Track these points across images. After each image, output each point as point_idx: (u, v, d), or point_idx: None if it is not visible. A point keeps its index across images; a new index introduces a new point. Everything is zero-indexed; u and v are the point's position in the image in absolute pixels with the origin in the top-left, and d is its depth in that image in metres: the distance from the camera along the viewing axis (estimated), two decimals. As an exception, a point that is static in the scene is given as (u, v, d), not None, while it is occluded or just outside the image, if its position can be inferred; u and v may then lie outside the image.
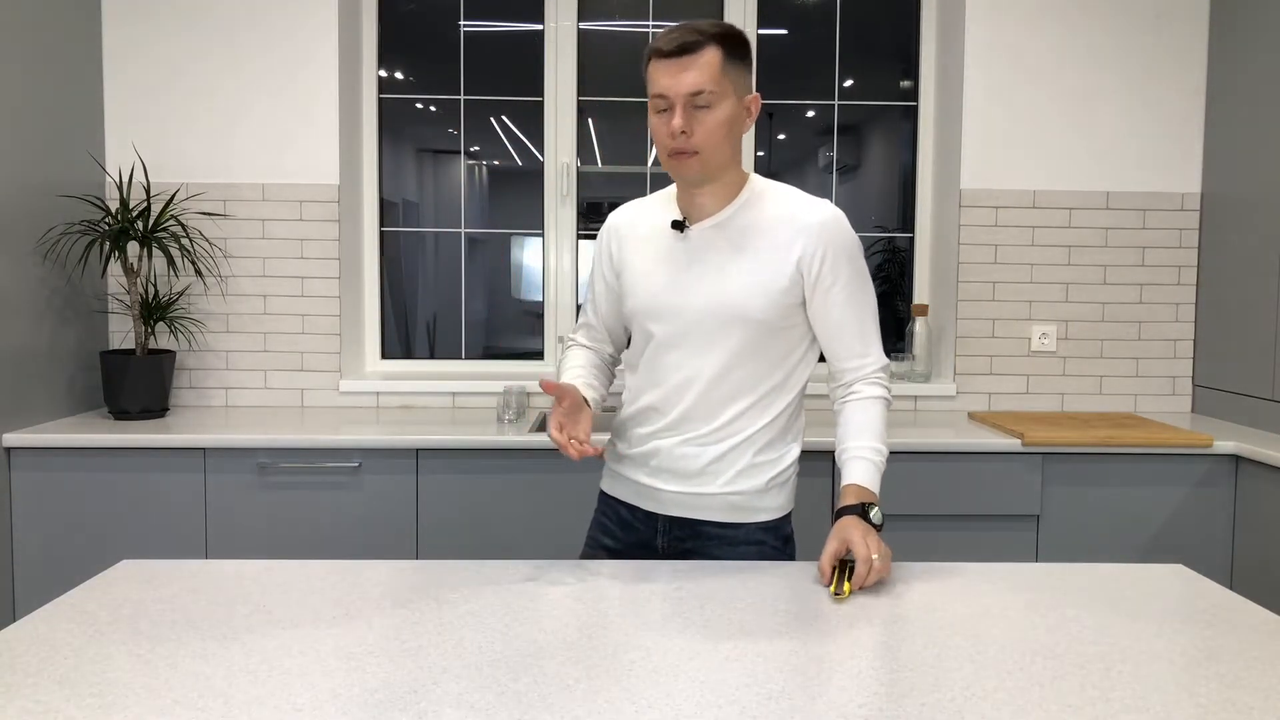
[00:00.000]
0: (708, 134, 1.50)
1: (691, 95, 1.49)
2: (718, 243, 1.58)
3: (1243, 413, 2.82)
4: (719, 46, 1.49)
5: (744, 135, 1.59)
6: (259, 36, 2.94)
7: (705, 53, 1.48)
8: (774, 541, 1.68)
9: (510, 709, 1.01)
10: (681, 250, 1.60)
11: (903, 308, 3.31)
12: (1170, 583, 1.45)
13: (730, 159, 1.56)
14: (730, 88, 1.51)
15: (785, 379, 1.67)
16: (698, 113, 1.50)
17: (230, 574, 1.43)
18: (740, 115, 1.54)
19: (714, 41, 1.49)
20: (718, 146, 1.52)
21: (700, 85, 1.48)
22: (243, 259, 2.98)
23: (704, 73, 1.48)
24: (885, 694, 1.05)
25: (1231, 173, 2.90)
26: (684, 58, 1.49)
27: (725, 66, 1.50)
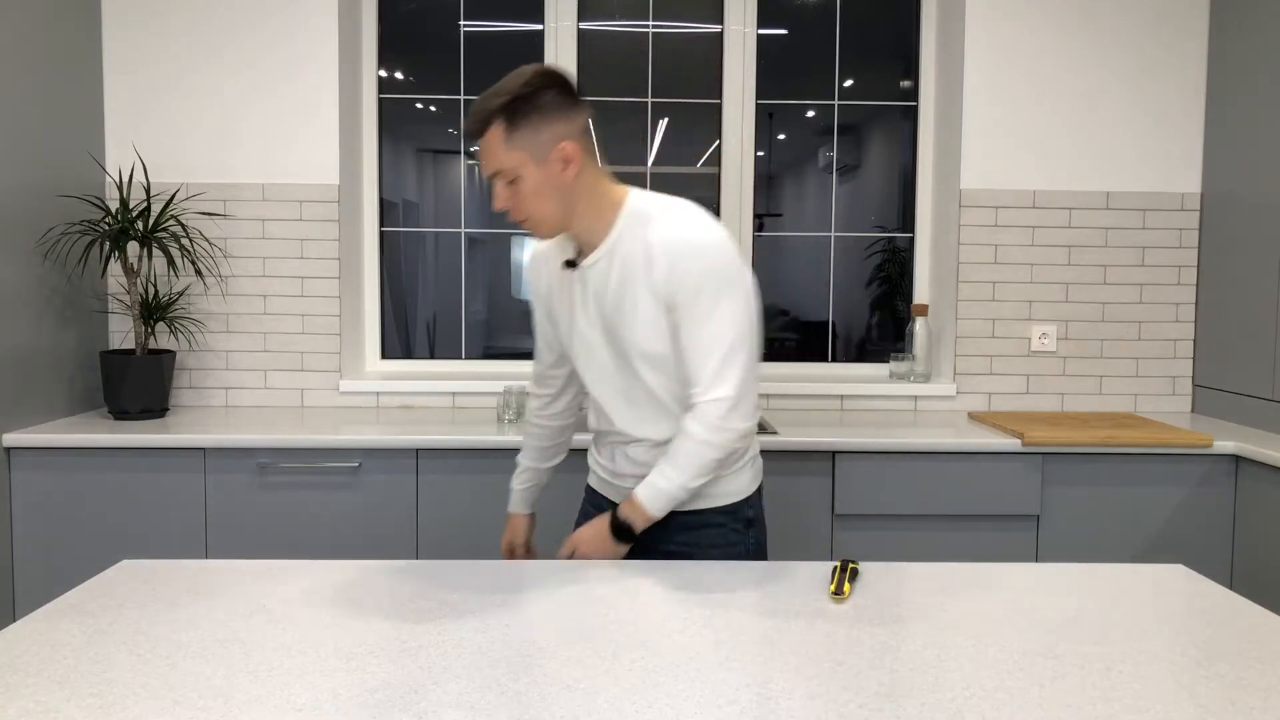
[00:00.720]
0: (525, 204, 1.55)
1: (492, 178, 1.55)
2: (603, 278, 1.60)
3: (1243, 413, 2.82)
4: (501, 120, 1.50)
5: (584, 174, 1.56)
6: (259, 36, 2.94)
7: (488, 134, 1.52)
8: (734, 524, 1.73)
9: (510, 709, 1.01)
10: (578, 287, 1.64)
11: (903, 308, 3.31)
12: (1170, 583, 1.45)
13: (566, 212, 1.57)
14: (525, 155, 1.52)
15: None
16: (510, 188, 1.55)
17: (230, 574, 1.43)
18: (552, 172, 1.53)
19: (495, 117, 1.50)
20: (542, 210, 1.56)
21: (492, 168, 1.54)
22: (243, 259, 2.98)
23: (492, 155, 1.52)
24: (885, 694, 1.05)
25: (1231, 173, 2.90)
26: (477, 143, 1.55)
27: (511, 138, 1.51)
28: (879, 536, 2.56)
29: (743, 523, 1.74)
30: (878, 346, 3.34)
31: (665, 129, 3.25)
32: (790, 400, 3.06)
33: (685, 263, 1.52)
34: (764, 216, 3.28)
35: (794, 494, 2.54)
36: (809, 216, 3.31)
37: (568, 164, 1.54)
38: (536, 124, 1.52)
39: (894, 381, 3.13)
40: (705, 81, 3.22)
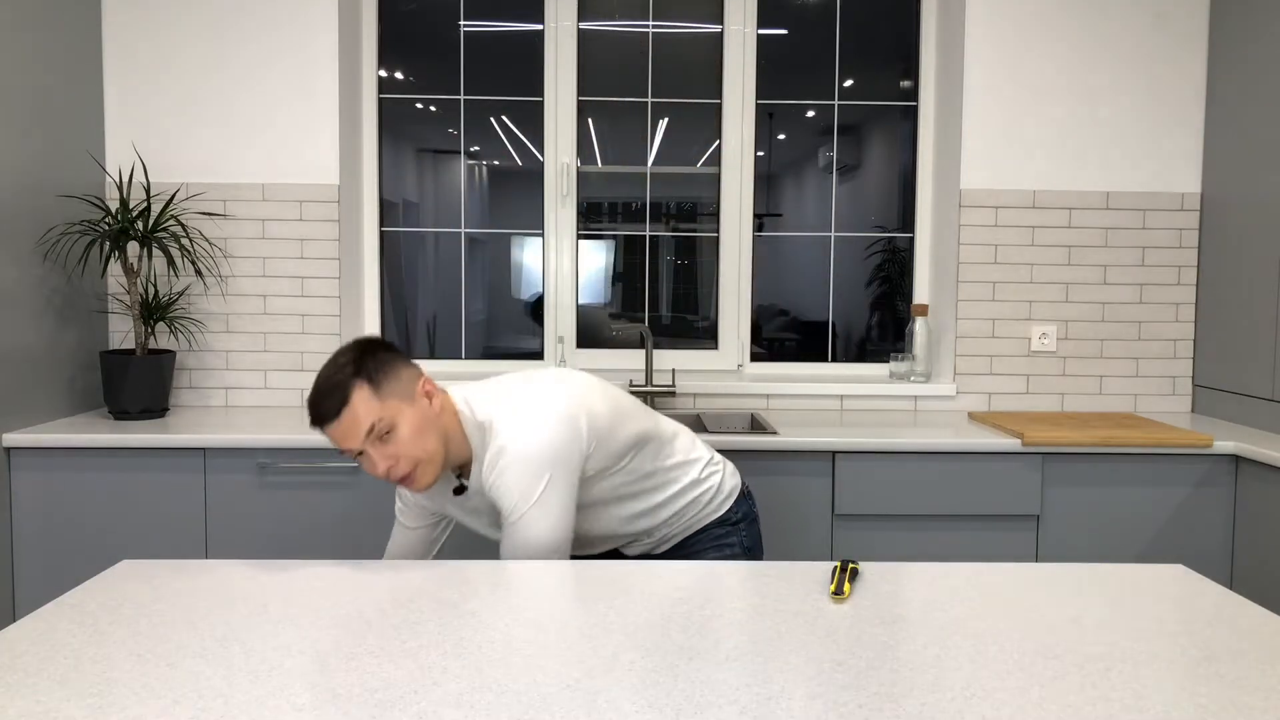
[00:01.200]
0: (410, 448, 1.56)
1: (368, 438, 1.54)
2: (483, 502, 1.70)
3: (1243, 413, 2.82)
4: (361, 379, 1.54)
5: (444, 405, 1.63)
6: (259, 37, 2.94)
7: (354, 399, 1.53)
8: (721, 529, 1.87)
9: (510, 709, 1.01)
10: (472, 506, 1.73)
11: (903, 308, 3.31)
12: (1170, 583, 1.45)
13: (445, 445, 1.61)
14: (395, 400, 1.56)
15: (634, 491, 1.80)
16: (382, 445, 1.55)
17: (230, 574, 1.43)
18: (421, 410, 1.58)
19: (354, 380, 1.53)
20: (428, 447, 1.58)
21: (369, 424, 1.53)
22: (243, 259, 2.98)
23: (365, 414, 1.53)
24: (885, 694, 1.05)
25: (1231, 173, 2.90)
26: (340, 417, 1.53)
27: (377, 391, 1.54)
28: (879, 536, 2.56)
29: (730, 525, 1.87)
30: (878, 346, 3.34)
31: (665, 129, 3.25)
32: (790, 400, 3.06)
33: (504, 481, 1.60)
34: (764, 216, 3.28)
35: (794, 494, 2.54)
36: (809, 216, 3.31)
37: (431, 397, 1.61)
38: (394, 368, 1.58)
39: (894, 381, 3.13)
40: (705, 81, 3.22)
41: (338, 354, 1.57)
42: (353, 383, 1.53)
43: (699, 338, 3.31)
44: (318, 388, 1.54)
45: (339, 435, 1.54)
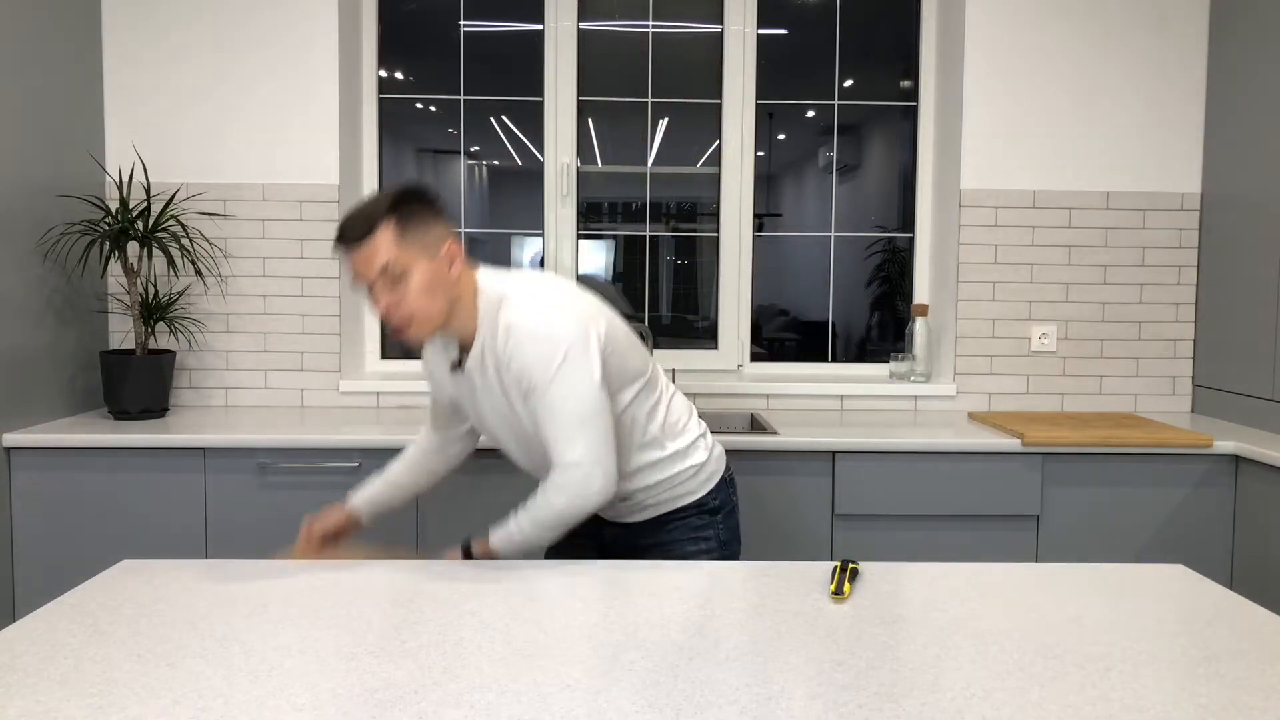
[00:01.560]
0: (411, 302, 1.57)
1: (380, 275, 1.55)
2: (484, 373, 1.67)
3: (1243, 413, 2.82)
4: (391, 218, 1.55)
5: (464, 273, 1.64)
6: (259, 37, 2.94)
7: (377, 233, 1.54)
8: (699, 516, 1.82)
9: (510, 709, 1.01)
10: (466, 384, 1.71)
11: (903, 308, 3.31)
12: (1170, 583, 1.45)
13: (450, 308, 1.62)
14: (418, 251, 1.57)
15: (624, 443, 1.76)
16: (395, 288, 1.56)
17: (230, 574, 1.44)
18: (439, 269, 1.59)
19: (385, 217, 1.54)
20: (430, 307, 1.59)
21: (382, 261, 1.54)
22: (243, 259, 2.98)
23: (381, 252, 1.54)
24: (885, 694, 1.05)
25: (1231, 173, 2.90)
26: (361, 244, 1.55)
27: (403, 235, 1.55)
28: (879, 536, 2.56)
29: (708, 512, 1.83)
30: (878, 346, 3.34)
31: (665, 129, 3.25)
32: (790, 400, 3.06)
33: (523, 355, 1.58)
34: (764, 216, 3.28)
35: (794, 494, 2.54)
36: (809, 216, 3.31)
37: (453, 261, 1.61)
38: (427, 221, 1.59)
39: (894, 381, 3.13)
40: (705, 81, 3.22)
41: (385, 191, 1.60)
42: (382, 218, 1.55)
43: (699, 337, 3.31)
44: (350, 212, 1.57)
45: (354, 262, 1.56)
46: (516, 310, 1.60)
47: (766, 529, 2.55)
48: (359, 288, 1.63)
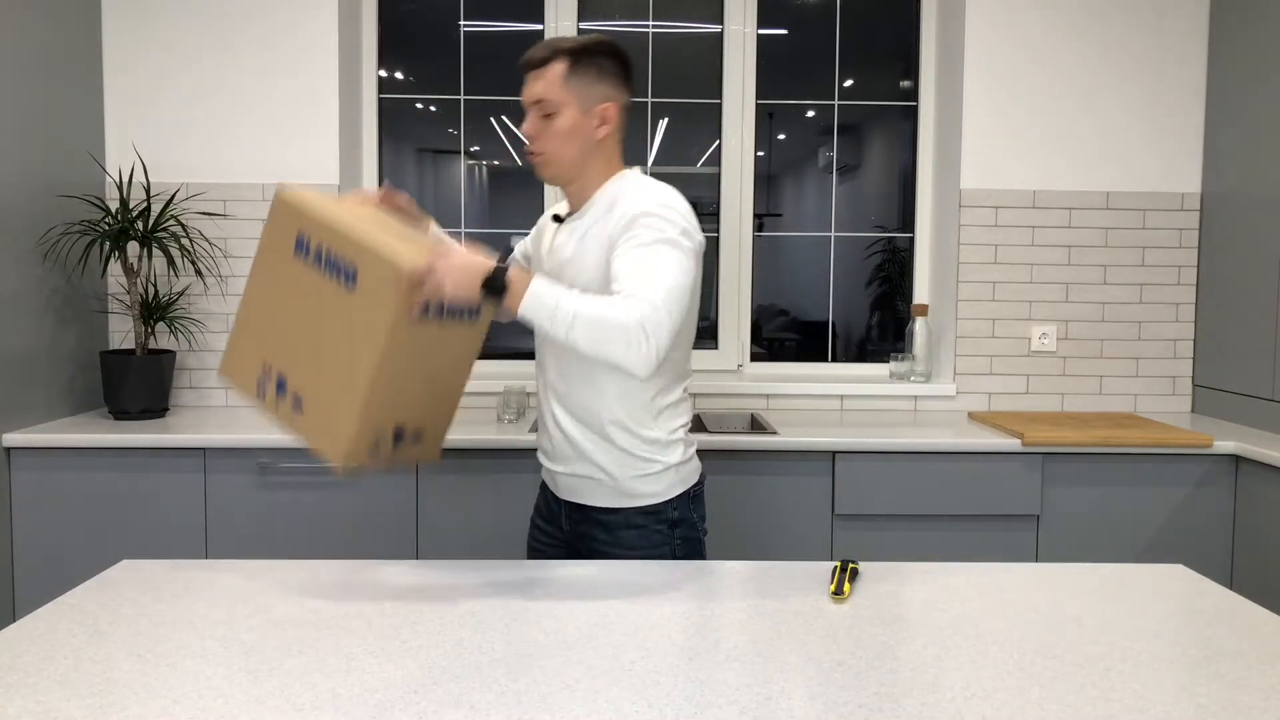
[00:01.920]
0: (549, 140, 1.66)
1: (535, 104, 1.66)
2: (578, 233, 1.69)
3: (1243, 413, 2.82)
4: (567, 59, 1.64)
5: (609, 140, 1.69)
6: (259, 36, 2.94)
7: (550, 66, 1.65)
8: (656, 525, 1.72)
9: (510, 709, 1.01)
10: (560, 241, 1.73)
11: (903, 308, 3.31)
12: (1170, 583, 1.45)
13: (580, 163, 1.68)
14: (573, 98, 1.65)
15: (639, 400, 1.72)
16: (543, 121, 1.66)
17: (230, 574, 1.44)
18: (585, 124, 1.66)
19: (563, 55, 1.64)
20: (559, 151, 1.66)
21: (540, 95, 1.65)
22: (243, 259, 2.98)
23: (546, 85, 1.65)
24: (885, 694, 1.05)
25: (1231, 173, 2.90)
26: (533, 71, 1.67)
27: (570, 78, 1.64)
28: (879, 536, 2.56)
29: (666, 524, 1.72)
30: (878, 346, 3.34)
31: (665, 129, 3.25)
32: (790, 400, 3.06)
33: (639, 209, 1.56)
34: (764, 216, 3.28)
35: (794, 494, 2.54)
36: (809, 216, 3.31)
37: (603, 124, 1.67)
38: (595, 77, 1.66)
39: (894, 381, 3.13)
40: (705, 81, 3.22)
41: (591, 36, 1.69)
42: (560, 56, 1.64)
43: (699, 337, 3.30)
44: (552, 39, 1.67)
45: (527, 82, 1.68)
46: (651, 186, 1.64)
47: (766, 529, 2.55)
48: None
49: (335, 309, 1.47)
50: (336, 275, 1.47)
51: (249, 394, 1.58)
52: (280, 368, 1.54)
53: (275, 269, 1.55)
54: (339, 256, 1.46)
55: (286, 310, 1.53)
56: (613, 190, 1.68)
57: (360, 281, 1.44)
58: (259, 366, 1.57)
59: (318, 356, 1.49)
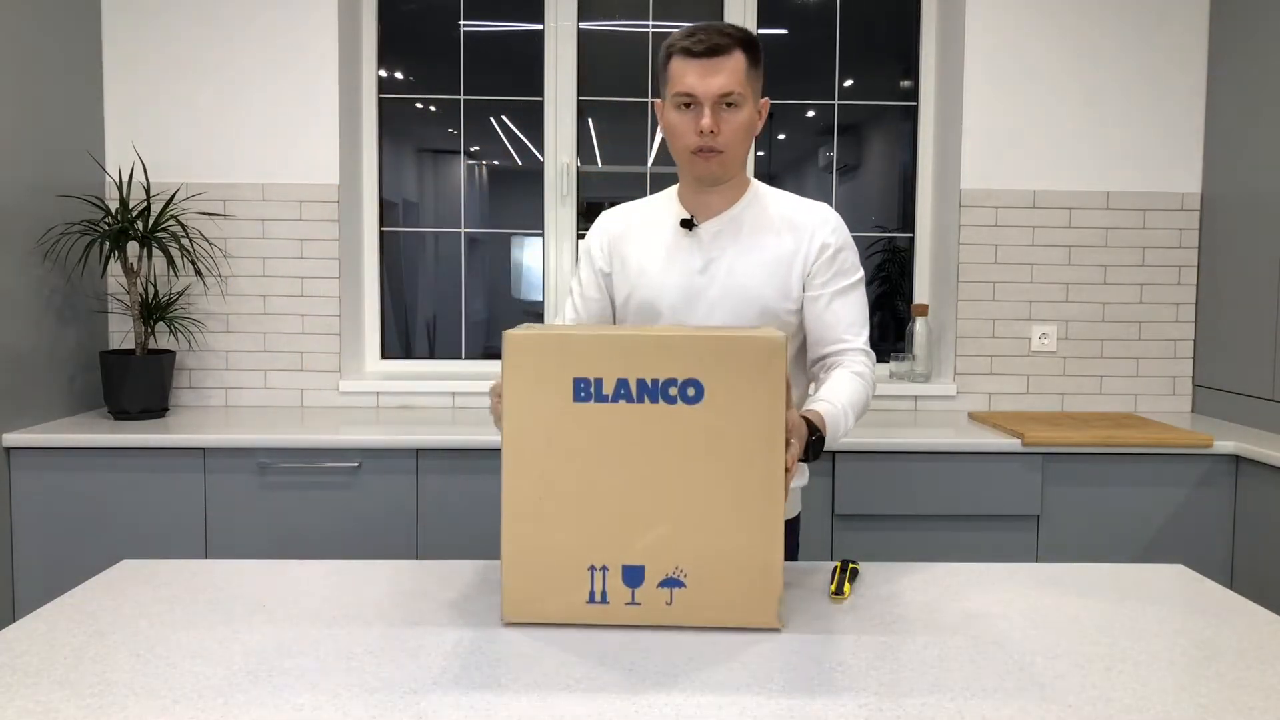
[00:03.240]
0: (733, 134, 1.57)
1: (721, 96, 1.55)
2: (725, 239, 1.65)
3: (1243, 413, 2.82)
4: (743, 51, 1.56)
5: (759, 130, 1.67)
6: (259, 36, 2.94)
7: (733, 56, 1.55)
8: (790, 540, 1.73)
9: (510, 709, 1.01)
10: (691, 247, 1.66)
11: (903, 308, 3.31)
12: (1170, 583, 1.45)
13: (744, 160, 1.65)
14: (750, 91, 1.58)
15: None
16: (724, 113, 1.56)
17: (230, 574, 1.43)
18: (755, 119, 1.62)
19: (739, 46, 1.55)
20: (739, 146, 1.60)
21: (730, 87, 1.54)
22: (243, 259, 2.98)
23: (733, 76, 1.54)
24: (885, 694, 1.05)
25: (1231, 173, 2.90)
26: (714, 59, 1.54)
27: (748, 70, 1.57)
28: (879, 536, 2.56)
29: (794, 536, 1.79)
30: (878, 346, 3.33)
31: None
32: (790, 400, 3.06)
33: (839, 238, 1.65)
34: (764, 216, 3.28)
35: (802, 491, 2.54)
36: (809, 216, 3.30)
37: (761, 119, 1.64)
38: (760, 71, 1.61)
39: (894, 381, 3.13)
40: (705, 81, 3.22)
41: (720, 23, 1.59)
42: (739, 45, 1.55)
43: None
44: (703, 26, 1.55)
45: (701, 72, 1.54)
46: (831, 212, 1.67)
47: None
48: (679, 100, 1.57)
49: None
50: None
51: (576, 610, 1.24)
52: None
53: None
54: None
55: None
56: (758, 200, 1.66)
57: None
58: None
59: None
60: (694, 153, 1.58)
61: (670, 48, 1.57)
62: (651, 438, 1.21)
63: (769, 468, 1.21)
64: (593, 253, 1.75)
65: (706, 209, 1.66)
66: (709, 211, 1.66)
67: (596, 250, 1.75)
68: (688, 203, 1.68)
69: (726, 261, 1.64)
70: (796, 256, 1.63)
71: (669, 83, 1.58)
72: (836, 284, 1.65)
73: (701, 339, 1.22)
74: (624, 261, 1.71)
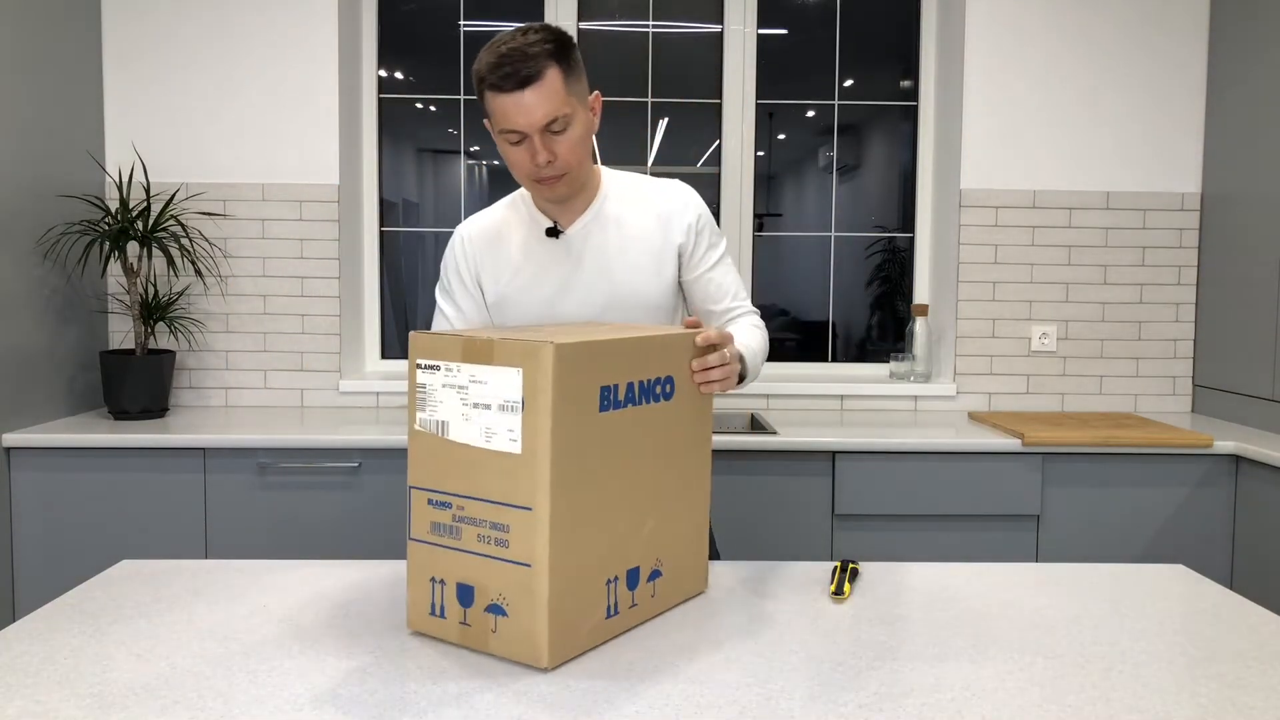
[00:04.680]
0: (569, 153, 1.48)
1: (547, 125, 1.44)
2: (594, 240, 1.62)
3: (1243, 413, 2.82)
4: (555, 63, 1.43)
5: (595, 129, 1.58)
6: (259, 36, 2.94)
7: (546, 77, 1.42)
8: None
9: (510, 709, 1.01)
10: (561, 253, 1.62)
11: (903, 308, 3.31)
12: (1170, 583, 1.45)
13: (589, 163, 1.58)
14: (576, 101, 1.47)
15: None
16: (555, 138, 1.46)
17: (230, 574, 1.44)
18: (590, 122, 1.53)
19: (550, 60, 1.42)
20: (581, 162, 1.52)
21: (552, 113, 1.43)
22: (243, 259, 2.98)
23: (552, 99, 1.43)
24: (885, 694, 1.05)
25: (1231, 173, 2.90)
26: (527, 90, 1.41)
27: (567, 83, 1.45)
28: (879, 536, 2.56)
29: None
30: (878, 346, 3.34)
31: (665, 129, 3.25)
32: (790, 400, 3.06)
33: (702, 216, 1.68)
34: (764, 216, 3.28)
35: (794, 494, 2.54)
36: (809, 216, 3.31)
37: (596, 115, 1.55)
38: (580, 71, 1.49)
39: (894, 381, 3.13)
40: (705, 81, 3.22)
41: (526, 29, 1.44)
42: (551, 62, 1.42)
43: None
44: (505, 52, 1.41)
45: (518, 107, 1.42)
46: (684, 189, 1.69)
47: (766, 529, 2.55)
48: (507, 137, 1.47)
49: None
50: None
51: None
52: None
53: None
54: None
55: None
56: (616, 193, 1.63)
57: None
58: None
59: None
60: (537, 182, 1.51)
61: (482, 80, 1.45)
62: (645, 438, 1.22)
63: (706, 445, 1.35)
64: (461, 270, 1.67)
65: (567, 212, 1.62)
66: (570, 214, 1.62)
67: (463, 267, 1.67)
68: (547, 209, 1.62)
69: (600, 265, 1.61)
70: (667, 245, 1.64)
71: (491, 116, 1.47)
72: (710, 259, 1.69)
73: (673, 336, 1.27)
74: (495, 273, 1.64)
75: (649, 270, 1.63)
